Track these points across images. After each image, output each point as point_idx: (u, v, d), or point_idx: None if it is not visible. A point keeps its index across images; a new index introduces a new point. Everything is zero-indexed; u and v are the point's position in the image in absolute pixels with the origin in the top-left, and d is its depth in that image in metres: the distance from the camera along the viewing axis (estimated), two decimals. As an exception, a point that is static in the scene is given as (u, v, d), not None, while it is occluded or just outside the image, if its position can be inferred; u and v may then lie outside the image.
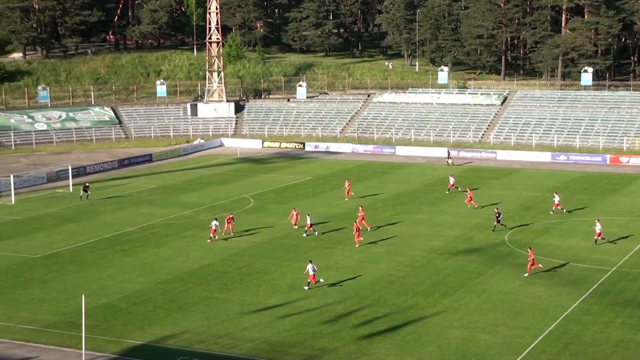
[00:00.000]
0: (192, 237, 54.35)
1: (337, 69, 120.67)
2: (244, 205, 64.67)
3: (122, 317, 38.88)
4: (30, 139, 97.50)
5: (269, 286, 43.58)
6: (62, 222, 59.08)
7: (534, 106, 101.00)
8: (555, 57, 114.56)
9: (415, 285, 43.61)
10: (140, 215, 61.20)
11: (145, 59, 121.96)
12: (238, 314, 39.24)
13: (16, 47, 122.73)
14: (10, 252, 50.58)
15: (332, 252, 50.33)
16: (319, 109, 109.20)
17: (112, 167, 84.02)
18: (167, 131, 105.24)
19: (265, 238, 53.99)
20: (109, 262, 48.37)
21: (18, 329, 37.19)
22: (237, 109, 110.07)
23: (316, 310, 39.77)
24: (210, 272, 46.33)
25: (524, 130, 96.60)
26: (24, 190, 71.21)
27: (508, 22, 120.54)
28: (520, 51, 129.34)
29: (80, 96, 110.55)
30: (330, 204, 65.29)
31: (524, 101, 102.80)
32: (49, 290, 42.80)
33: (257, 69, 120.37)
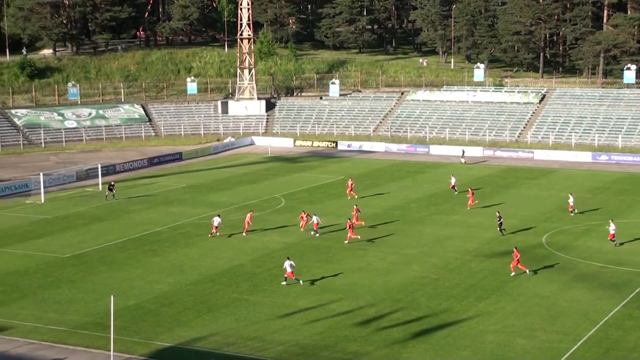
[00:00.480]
0: (222, 238, 54.49)
1: (370, 66, 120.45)
2: (275, 205, 64.77)
3: (150, 318, 39.12)
4: (60, 137, 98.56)
5: (300, 288, 43.57)
6: (91, 221, 59.62)
7: (574, 104, 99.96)
8: (596, 54, 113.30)
9: (449, 288, 43.39)
10: (170, 214, 61.57)
11: (176, 55, 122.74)
12: (268, 316, 39.29)
13: (46, 43, 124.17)
14: (39, 251, 51.15)
15: (365, 254, 50.22)
16: (351, 107, 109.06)
17: (141, 166, 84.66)
18: (197, 129, 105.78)
19: (297, 239, 54.01)
20: (137, 262, 48.72)
21: (46, 329, 37.58)
22: (268, 106, 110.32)
23: (348, 313, 39.70)
24: (240, 273, 46.45)
25: (563, 130, 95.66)
26: (54, 189, 71.99)
27: (547, 18, 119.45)
28: (559, 48, 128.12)
29: (110, 93, 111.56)
30: (362, 204, 65.02)
31: (563, 99, 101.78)
32: (78, 291, 43.20)
33: (289, 66, 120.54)
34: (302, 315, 39.43)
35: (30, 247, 52.11)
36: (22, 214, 62.44)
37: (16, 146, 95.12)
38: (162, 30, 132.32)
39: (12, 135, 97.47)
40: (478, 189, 69.22)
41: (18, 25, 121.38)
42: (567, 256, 49.15)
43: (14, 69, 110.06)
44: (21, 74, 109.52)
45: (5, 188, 70.51)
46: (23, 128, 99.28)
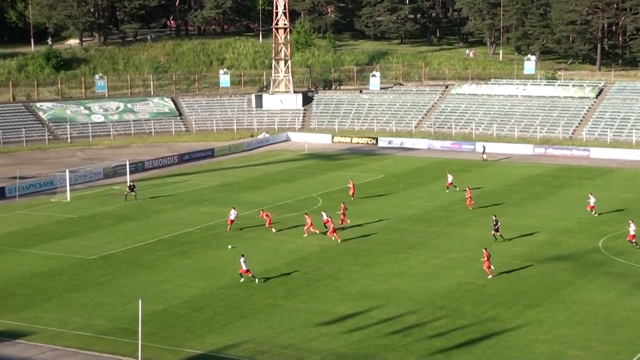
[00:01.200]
0: (256, 239, 54.77)
1: (413, 58, 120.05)
2: (312, 205, 64.87)
3: (180, 324, 39.41)
4: (87, 132, 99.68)
5: (337, 293, 43.62)
6: (119, 221, 60.22)
7: (635, 99, 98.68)
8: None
9: (496, 295, 43.11)
10: (201, 214, 61.97)
11: (208, 46, 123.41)
12: (304, 323, 39.37)
13: (72, 33, 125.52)
14: (65, 252, 51.79)
15: (406, 258, 50.13)
16: (393, 101, 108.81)
17: (171, 163, 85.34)
18: (230, 124, 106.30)
19: (334, 241, 54.01)
20: (167, 265, 49.11)
21: (72, 335, 38.01)
22: (305, 100, 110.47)
23: (388, 320, 39.65)
24: (275, 276, 46.55)
25: (623, 126, 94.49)
26: (80, 187, 72.85)
27: (605, 6, 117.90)
28: (618, 39, 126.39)
29: (139, 86, 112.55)
30: (404, 204, 65.04)
31: (623, 94, 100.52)
32: (105, 294, 43.68)
33: (327, 58, 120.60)
34: (340, 322, 39.44)
35: (55, 248, 52.79)
36: (47, 212, 63.28)
37: (41, 141, 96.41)
38: (194, 20, 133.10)
39: (37, 129, 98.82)
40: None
41: (43, 13, 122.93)
42: (627, 262, 48.57)
43: (39, 60, 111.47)
44: (46, 65, 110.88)
45: (29, 185, 71.49)
46: (48, 122, 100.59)
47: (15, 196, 68.66)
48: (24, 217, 61.57)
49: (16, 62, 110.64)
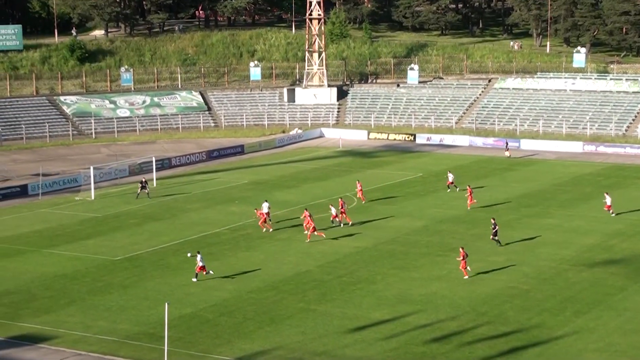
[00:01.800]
0: (288, 240, 54.82)
1: (454, 50, 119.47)
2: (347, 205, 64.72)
3: (208, 329, 39.54)
4: (112, 127, 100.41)
5: (373, 298, 43.55)
6: (145, 221, 60.59)
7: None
8: None
9: (542, 301, 42.80)
10: (230, 214, 62.15)
11: (238, 37, 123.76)
12: (338, 329, 39.33)
13: (98, 23, 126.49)
14: (89, 253, 52.21)
15: (445, 261, 49.91)
16: (432, 95, 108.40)
17: (199, 160, 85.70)
18: (260, 119, 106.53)
19: (370, 243, 53.98)
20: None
21: (96, 339, 38.29)
22: (339, 95, 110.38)
23: (426, 326, 39.51)
24: (307, 280, 46.61)
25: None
26: (105, 184, 73.41)
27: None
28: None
29: (166, 79, 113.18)
30: (444, 204, 64.78)
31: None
32: (130, 297, 43.95)
33: (363, 50, 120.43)
34: (376, 328, 39.37)
35: (79, 249, 53.22)
36: (70, 211, 63.82)
37: (65, 137, 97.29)
38: (224, 10, 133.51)
39: (60, 124, 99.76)
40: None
41: (67, 3, 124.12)
42: (680, 267, 48.00)
43: (63, 52, 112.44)
44: (70, 57, 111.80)
45: (53, 183, 72.19)
46: (72, 117, 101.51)
47: (38, 194, 69.35)
48: (47, 216, 62.18)
49: (39, 54, 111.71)
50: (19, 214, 63.30)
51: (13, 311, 41.79)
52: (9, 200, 68.10)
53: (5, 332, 39.09)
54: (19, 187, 70.49)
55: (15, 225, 59.53)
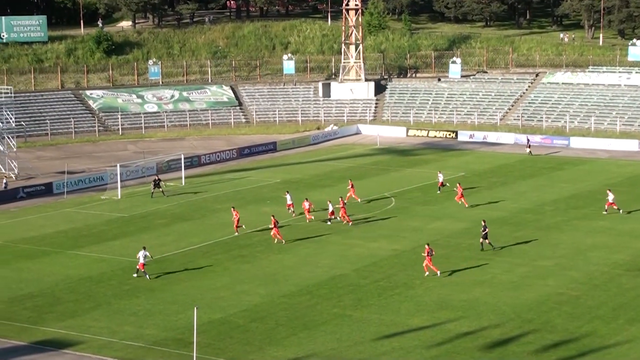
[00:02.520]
0: (322, 242, 54.93)
1: (498, 43, 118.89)
2: (384, 206, 64.79)
3: (238, 335, 39.73)
4: (139, 122, 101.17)
5: (412, 303, 43.54)
6: (173, 221, 61.00)
7: None
8: None
9: (593, 308, 42.55)
10: (262, 215, 62.30)
11: (271, 29, 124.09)
12: (375, 336, 39.37)
13: (125, 14, 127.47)
14: (115, 255, 52.68)
15: (489, 265, 49.76)
16: (475, 90, 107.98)
17: (230, 157, 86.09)
18: (294, 115, 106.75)
19: (408, 245, 53.93)
20: (224, 270, 49.56)
21: (122, 345, 38.62)
22: (377, 89, 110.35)
23: (468, 334, 39.42)
24: (343, 284, 46.67)
25: None
26: (131, 183, 73.99)
27: None
28: None
29: (195, 72, 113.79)
30: (487, 205, 64.51)
31: None
32: (157, 301, 44.27)
33: (402, 42, 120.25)
34: (415, 335, 39.35)
35: (105, 250, 53.72)
36: (96, 211, 64.40)
37: (91, 133, 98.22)
38: (256, 0, 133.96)
39: (87, 120, 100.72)
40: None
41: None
42: None
43: (89, 44, 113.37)
44: (97, 50, 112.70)
45: (78, 181, 72.92)
46: (99, 112, 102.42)
47: (63, 193, 70.07)
48: (72, 216, 62.81)
49: (65, 46, 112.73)
50: (44, 214, 64.04)
51: (37, 315, 42.27)
52: (33, 199, 68.91)
53: (29, 337, 39.54)
54: (43, 185, 71.29)
55: (40, 225, 60.22)
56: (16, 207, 66.17)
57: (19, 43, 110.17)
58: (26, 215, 63.43)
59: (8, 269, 49.94)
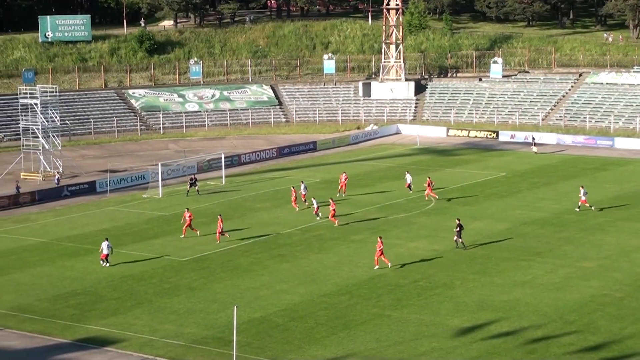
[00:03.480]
0: (362, 242, 54.89)
1: (541, 42, 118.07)
2: (423, 206, 64.61)
3: (278, 334, 39.83)
4: (180, 122, 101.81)
5: (451, 304, 43.39)
6: (213, 220, 61.05)
7: None
8: None
9: (637, 310, 42.17)
10: (302, 214, 62.42)
11: (312, 28, 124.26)
12: (414, 336, 39.27)
13: (167, 13, 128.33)
14: (156, 254, 53.02)
15: (530, 266, 49.45)
16: (517, 90, 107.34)
17: (270, 156, 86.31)
18: (334, 115, 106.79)
19: (448, 246, 53.73)
20: (264, 269, 49.69)
21: (162, 343, 38.82)
22: (417, 89, 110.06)
23: (509, 334, 39.19)
24: (382, 284, 46.62)
25: None
26: (172, 182, 74.44)
27: None
28: None
29: (236, 72, 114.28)
30: (529, 206, 64.16)
31: None
32: (197, 300, 44.49)
33: (442, 42, 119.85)
34: (454, 335, 39.20)
35: (146, 248, 54.10)
36: (138, 209, 64.87)
37: (133, 132, 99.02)
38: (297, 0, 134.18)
39: (129, 119, 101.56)
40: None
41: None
42: None
43: (132, 43, 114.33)
44: (139, 49, 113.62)
45: (120, 180, 73.53)
46: (141, 111, 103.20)
47: (106, 191, 70.73)
48: (114, 214, 63.36)
49: (108, 45, 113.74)
50: (87, 212, 64.65)
51: (80, 313, 42.67)
52: (77, 197, 69.63)
53: (72, 334, 39.91)
54: (87, 183, 72.03)
55: (83, 224, 60.81)
56: (61, 205, 66.88)
57: (64, 42, 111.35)
58: (70, 214, 64.10)
59: (53, 266, 50.48)
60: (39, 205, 66.66)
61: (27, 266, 50.52)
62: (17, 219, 62.04)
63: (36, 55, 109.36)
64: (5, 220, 61.99)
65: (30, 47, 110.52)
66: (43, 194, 68.91)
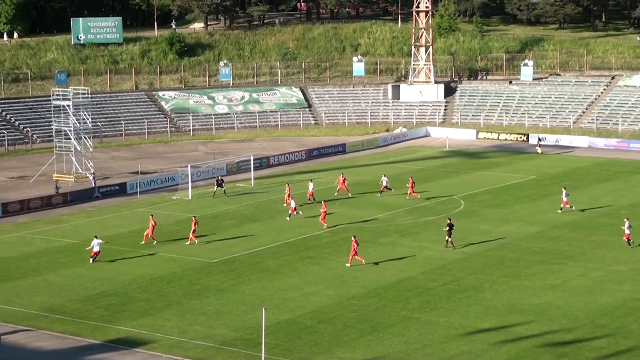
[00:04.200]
0: (391, 245, 54.86)
1: (572, 45, 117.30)
2: (453, 209, 64.42)
3: (306, 336, 39.88)
4: (210, 124, 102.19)
5: (481, 307, 43.27)
6: (242, 222, 61.47)
7: None
8: None
9: (671, 314, 41.94)
10: (331, 216, 62.42)
11: (341, 30, 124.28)
12: (443, 339, 39.22)
13: (197, 16, 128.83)
14: (186, 255, 53.25)
15: (561, 269, 49.23)
16: (548, 93, 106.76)
17: (299, 159, 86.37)
18: (363, 117, 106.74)
19: (478, 249, 53.59)
20: (293, 271, 49.77)
21: (192, 345, 39.02)
22: (447, 92, 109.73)
23: (539, 337, 39.09)
24: (411, 287, 46.57)
25: None
26: (202, 183, 74.69)
27: None
28: None
29: (265, 74, 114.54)
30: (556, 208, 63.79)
31: None
32: (226, 301, 44.65)
33: (472, 44, 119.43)
34: (484, 338, 39.11)
35: (175, 250, 54.34)
36: (167, 211, 65.19)
37: (163, 133, 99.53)
38: (326, 2, 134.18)
39: (159, 121, 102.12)
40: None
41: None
42: None
43: (162, 45, 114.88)
44: (170, 51, 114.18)
45: (150, 182, 73.91)
46: (171, 113, 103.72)
47: (136, 193, 71.13)
48: (144, 216, 63.38)
49: (139, 47, 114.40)
50: (118, 213, 65.06)
51: (110, 314, 42.96)
52: (108, 198, 70.06)
53: (103, 335, 40.21)
54: (117, 185, 72.46)
55: (114, 225, 61.19)
56: (92, 207, 67.35)
57: (96, 44, 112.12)
58: (101, 215, 64.52)
59: (84, 267, 50.82)
60: (71, 206, 67.13)
61: (59, 267, 50.96)
62: (50, 220, 62.55)
63: (68, 57, 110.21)
64: (38, 222, 62.52)
65: (63, 49, 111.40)
66: (75, 195, 69.43)
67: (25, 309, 43.73)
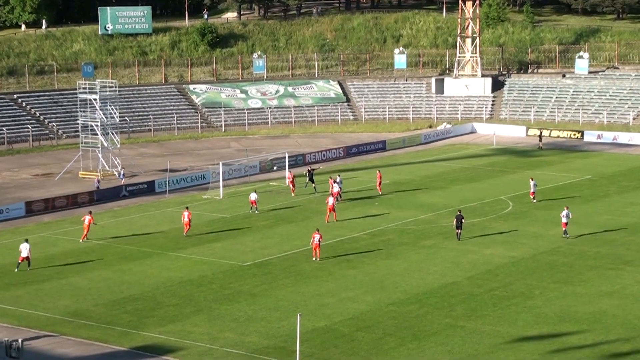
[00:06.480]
0: (433, 248, 54.71)
1: (632, 36, 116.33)
2: (500, 210, 64.15)
3: (343, 344, 39.83)
4: (243, 119, 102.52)
5: (530, 315, 43.02)
6: (276, 223, 61.54)
7: None
8: None
9: None
10: (370, 217, 62.37)
11: (382, 21, 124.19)
12: (489, 349, 39.02)
13: (230, 5, 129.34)
14: (217, 257, 53.41)
15: (618, 275, 48.88)
16: (604, 87, 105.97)
17: (336, 156, 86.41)
18: (405, 112, 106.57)
19: (527, 253, 53.30)
20: (329, 275, 49.73)
21: (222, 352, 39.06)
22: (495, 86, 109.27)
23: (593, 347, 38.82)
24: (455, 293, 46.39)
25: None
26: (234, 182, 74.93)
27: None
28: None
29: (302, 67, 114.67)
30: (617, 211, 63.44)
31: None
32: (259, 307, 44.68)
33: (523, 35, 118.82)
34: (533, 348, 38.87)
35: (206, 252, 54.52)
36: (197, 211, 65.30)
37: (194, 129, 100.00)
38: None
39: (190, 115, 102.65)
40: None
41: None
42: None
43: (193, 36, 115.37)
44: (201, 42, 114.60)
45: (180, 180, 74.27)
46: (202, 107, 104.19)
47: (165, 191, 71.47)
48: (173, 216, 63.84)
49: (169, 38, 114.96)
50: (146, 213, 65.42)
51: (137, 319, 43.13)
52: (136, 197, 70.49)
53: (130, 341, 40.32)
54: (145, 183, 72.87)
55: (142, 225, 61.53)
56: (119, 206, 67.77)
57: (124, 35, 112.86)
58: (129, 215, 64.91)
59: (110, 270, 51.13)
60: (97, 205, 67.49)
61: (85, 270, 51.24)
62: (75, 220, 62.79)
63: (96, 49, 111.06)
64: (63, 221, 63.00)
65: (90, 39, 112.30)
66: (101, 194, 69.89)
67: (49, 313, 44.05)
